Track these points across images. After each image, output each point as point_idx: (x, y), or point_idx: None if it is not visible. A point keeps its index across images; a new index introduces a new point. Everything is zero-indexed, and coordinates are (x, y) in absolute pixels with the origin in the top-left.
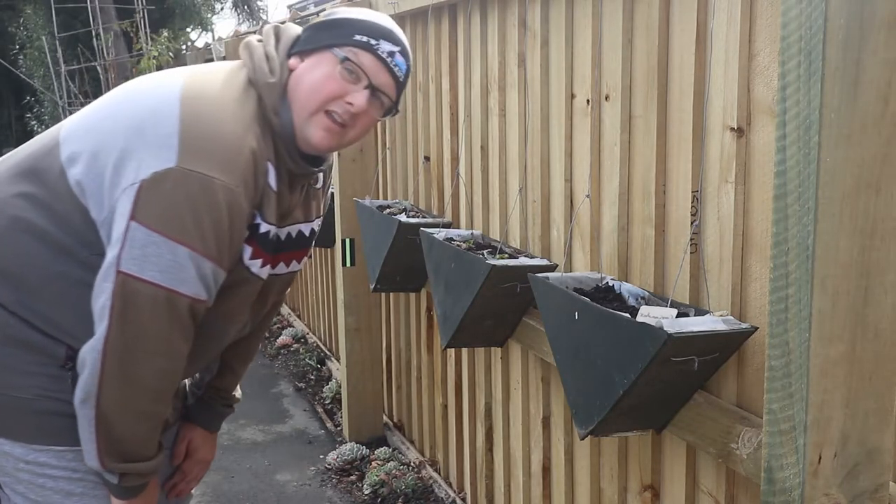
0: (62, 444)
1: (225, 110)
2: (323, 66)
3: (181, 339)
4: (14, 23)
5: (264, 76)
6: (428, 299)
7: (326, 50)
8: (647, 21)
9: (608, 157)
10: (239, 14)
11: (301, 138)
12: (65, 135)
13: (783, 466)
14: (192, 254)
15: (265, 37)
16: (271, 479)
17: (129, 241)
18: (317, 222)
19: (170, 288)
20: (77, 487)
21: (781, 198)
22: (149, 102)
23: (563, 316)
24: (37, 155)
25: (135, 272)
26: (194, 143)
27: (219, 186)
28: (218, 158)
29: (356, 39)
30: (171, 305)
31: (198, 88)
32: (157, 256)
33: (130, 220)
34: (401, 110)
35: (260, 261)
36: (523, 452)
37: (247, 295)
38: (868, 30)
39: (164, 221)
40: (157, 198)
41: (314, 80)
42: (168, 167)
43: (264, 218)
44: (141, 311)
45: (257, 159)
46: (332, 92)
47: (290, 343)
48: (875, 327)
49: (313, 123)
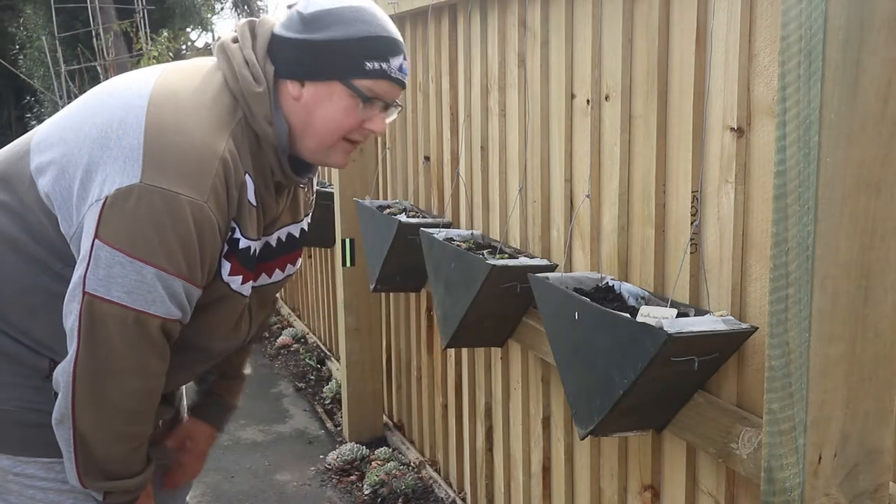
0: (49, 456)
1: (193, 117)
2: (336, 100)
3: (154, 359)
4: (14, 23)
5: (249, 85)
6: (428, 299)
7: (337, 82)
8: (647, 21)
9: (608, 157)
10: (239, 14)
11: (321, 163)
12: (36, 142)
13: (783, 466)
14: (159, 273)
15: (241, 36)
16: (271, 479)
17: (94, 261)
18: (305, 221)
19: (138, 309)
20: (67, 499)
21: (781, 198)
22: (115, 110)
23: (563, 316)
24: (9, 161)
25: (101, 293)
26: (158, 157)
27: (184, 202)
28: (183, 171)
29: (369, 69)
30: (141, 326)
31: (167, 94)
32: (122, 277)
33: (95, 239)
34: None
35: (240, 277)
36: (523, 452)
37: (230, 311)
38: (868, 30)
39: (128, 240)
40: (121, 215)
41: (332, 116)
42: (132, 183)
43: (244, 233)
44: (110, 332)
45: (229, 170)
46: (353, 125)
47: (290, 343)
48: (875, 327)
49: (336, 151)
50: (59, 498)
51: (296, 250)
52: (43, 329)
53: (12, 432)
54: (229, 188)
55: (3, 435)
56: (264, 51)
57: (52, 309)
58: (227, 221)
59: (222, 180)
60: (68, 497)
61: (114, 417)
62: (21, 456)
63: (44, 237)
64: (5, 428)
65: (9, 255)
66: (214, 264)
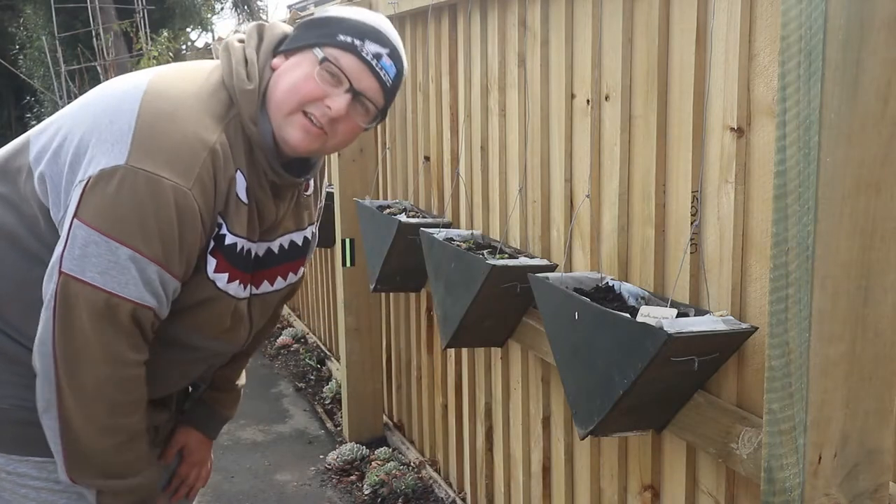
0: (42, 455)
1: (188, 108)
2: (303, 66)
3: (125, 347)
4: (14, 23)
5: (241, 82)
6: (428, 299)
7: (308, 49)
8: (647, 21)
9: (608, 157)
10: (239, 14)
11: (280, 140)
12: (34, 134)
13: (783, 466)
14: (133, 255)
15: (247, 37)
16: (271, 479)
17: (71, 240)
18: (310, 229)
19: (109, 291)
20: (60, 499)
21: (781, 198)
22: (111, 100)
23: (563, 316)
24: (9, 155)
25: (75, 273)
26: (147, 141)
27: (168, 186)
28: (171, 157)
29: (339, 40)
30: (111, 310)
31: (163, 87)
32: (97, 257)
33: (74, 218)
34: (387, 117)
35: (226, 275)
36: (523, 452)
37: (219, 311)
38: (868, 30)
39: (106, 220)
40: (102, 196)
41: (292, 79)
42: (116, 164)
43: (231, 229)
44: (81, 314)
45: (218, 162)
46: (309, 92)
47: (290, 343)
48: (875, 327)
49: (290, 123)
50: (52, 497)
51: (298, 259)
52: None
53: (5, 430)
54: (217, 181)
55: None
56: (268, 53)
57: None
58: (213, 215)
59: (210, 171)
60: (61, 497)
61: (93, 406)
62: (14, 454)
63: (37, 230)
64: (1, 427)
65: (7, 251)
66: (194, 256)
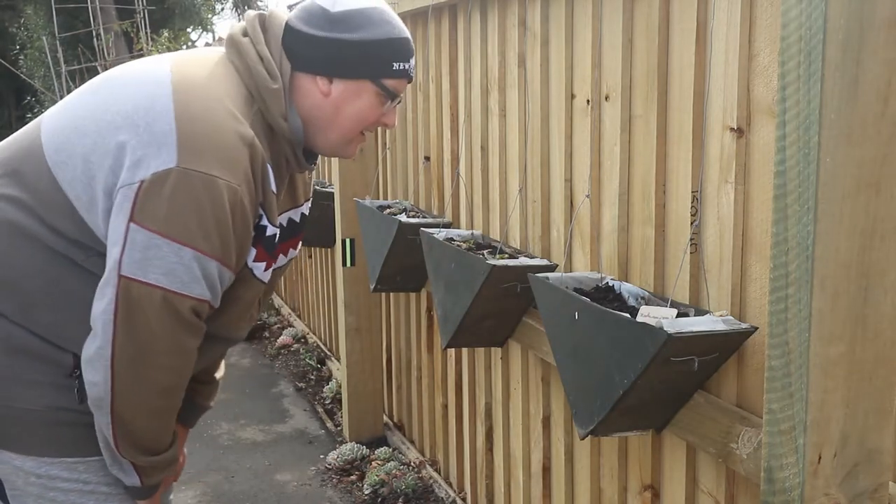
0: (73, 456)
1: (220, 105)
2: (365, 97)
3: (190, 337)
4: (15, 23)
5: (264, 81)
6: (428, 299)
7: (367, 81)
8: (647, 21)
9: (608, 157)
10: (239, 14)
11: (331, 152)
12: (47, 134)
13: (783, 466)
14: (196, 254)
15: (251, 30)
16: (271, 479)
17: (130, 244)
18: (306, 206)
19: (174, 290)
20: (89, 500)
21: (781, 198)
22: (138, 98)
23: (563, 316)
24: (19, 156)
25: (138, 276)
26: (192, 142)
27: (222, 185)
28: (219, 157)
29: (395, 70)
30: (175, 308)
31: (189, 82)
32: (159, 259)
33: (130, 222)
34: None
35: (264, 264)
36: (523, 452)
37: (250, 299)
38: (868, 30)
39: (166, 223)
40: (159, 199)
41: (359, 112)
42: (168, 167)
43: (270, 220)
44: (146, 314)
45: (256, 156)
46: (374, 120)
47: (290, 343)
48: (875, 327)
49: (351, 143)
50: (80, 499)
51: (297, 235)
52: (68, 322)
53: (37, 432)
54: (255, 175)
55: (28, 435)
56: (279, 46)
57: (77, 301)
58: (256, 208)
59: (251, 166)
60: (90, 498)
61: (151, 395)
62: (46, 457)
63: (64, 230)
64: (32, 429)
65: (30, 250)
66: (245, 249)
